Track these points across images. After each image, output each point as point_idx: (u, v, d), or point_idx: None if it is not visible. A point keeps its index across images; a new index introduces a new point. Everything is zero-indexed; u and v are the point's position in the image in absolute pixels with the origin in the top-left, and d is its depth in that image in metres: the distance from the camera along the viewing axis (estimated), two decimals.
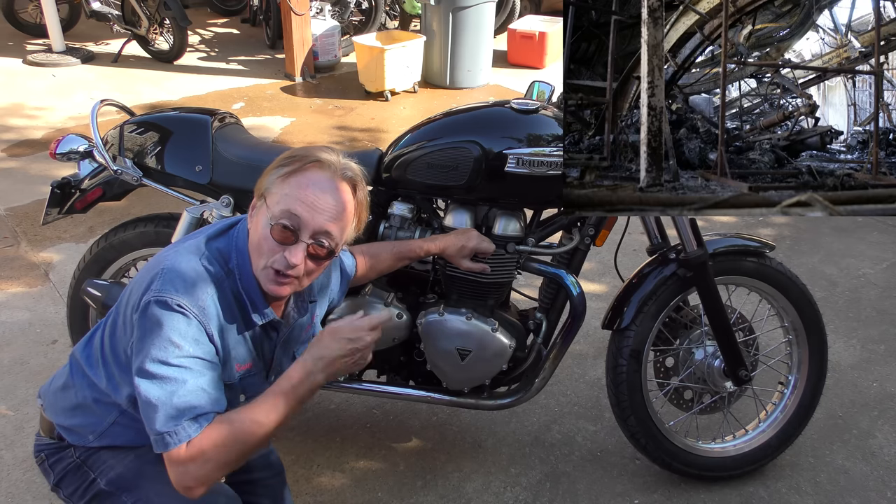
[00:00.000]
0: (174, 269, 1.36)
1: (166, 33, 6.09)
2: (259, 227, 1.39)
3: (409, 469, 2.32)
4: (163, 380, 1.30)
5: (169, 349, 1.30)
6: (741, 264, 2.13)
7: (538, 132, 1.92)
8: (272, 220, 1.36)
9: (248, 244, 1.42)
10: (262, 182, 1.41)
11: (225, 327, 1.40)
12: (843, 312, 3.17)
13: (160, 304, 1.31)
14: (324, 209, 1.37)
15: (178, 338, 1.31)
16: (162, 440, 1.30)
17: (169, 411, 1.29)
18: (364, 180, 1.47)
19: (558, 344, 2.10)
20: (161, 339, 1.30)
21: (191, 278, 1.35)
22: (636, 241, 3.20)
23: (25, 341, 2.83)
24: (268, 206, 1.37)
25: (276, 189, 1.38)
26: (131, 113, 2.29)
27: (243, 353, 1.46)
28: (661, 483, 2.29)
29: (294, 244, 1.37)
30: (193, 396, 1.31)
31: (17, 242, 3.50)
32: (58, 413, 1.54)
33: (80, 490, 1.52)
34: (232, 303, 1.41)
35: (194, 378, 1.32)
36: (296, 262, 1.37)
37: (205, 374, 1.34)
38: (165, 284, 1.33)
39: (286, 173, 1.38)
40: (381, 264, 1.92)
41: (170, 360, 1.30)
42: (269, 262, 1.38)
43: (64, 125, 4.87)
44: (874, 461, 2.40)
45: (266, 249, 1.38)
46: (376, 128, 5.09)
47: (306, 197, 1.36)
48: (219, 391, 1.37)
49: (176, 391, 1.30)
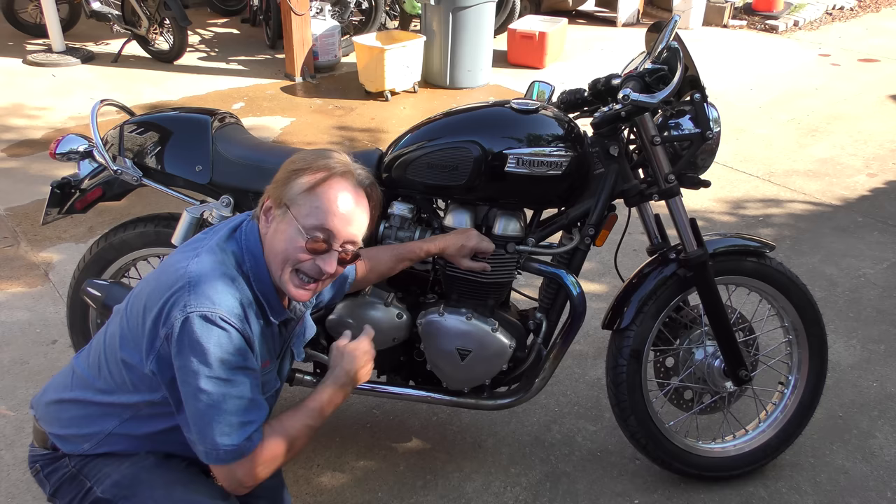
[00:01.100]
0: (202, 279, 1.37)
1: (166, 33, 6.08)
2: (285, 236, 1.42)
3: (409, 469, 2.32)
4: (217, 396, 1.34)
5: (217, 365, 1.34)
6: (741, 264, 2.13)
7: (538, 132, 1.92)
8: (307, 232, 1.40)
9: (267, 250, 1.45)
10: (282, 191, 1.43)
11: (252, 327, 1.43)
12: (843, 312, 3.17)
13: (200, 318, 1.33)
14: (354, 220, 1.45)
15: (224, 353, 1.35)
16: (221, 453, 1.36)
17: (225, 428, 1.36)
18: (374, 180, 1.52)
19: (558, 344, 2.10)
20: (208, 355, 1.33)
21: (221, 287, 1.38)
22: (636, 241, 3.20)
23: (25, 341, 2.83)
24: (295, 218, 1.41)
25: (304, 201, 1.41)
26: (131, 113, 2.29)
27: (263, 350, 1.49)
28: (661, 483, 2.29)
29: (327, 253, 1.43)
30: (247, 409, 1.38)
31: (17, 242, 3.50)
32: (52, 423, 1.54)
33: (77, 499, 1.51)
34: (251, 304, 1.44)
35: (245, 390, 1.38)
36: (331, 271, 1.44)
37: (252, 383, 1.40)
38: (199, 297, 1.35)
39: (312, 185, 1.41)
40: (381, 266, 1.93)
41: (221, 375, 1.35)
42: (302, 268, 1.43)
43: (64, 125, 4.87)
44: (874, 461, 2.40)
45: (294, 258, 1.42)
46: (376, 128, 5.09)
47: (338, 210, 1.42)
48: (262, 395, 1.45)
49: (231, 407, 1.36)
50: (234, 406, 1.36)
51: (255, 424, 1.40)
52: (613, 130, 2.00)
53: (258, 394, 1.42)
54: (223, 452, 1.37)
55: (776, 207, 4.13)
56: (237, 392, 1.37)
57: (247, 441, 1.38)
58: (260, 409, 1.42)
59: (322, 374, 2.17)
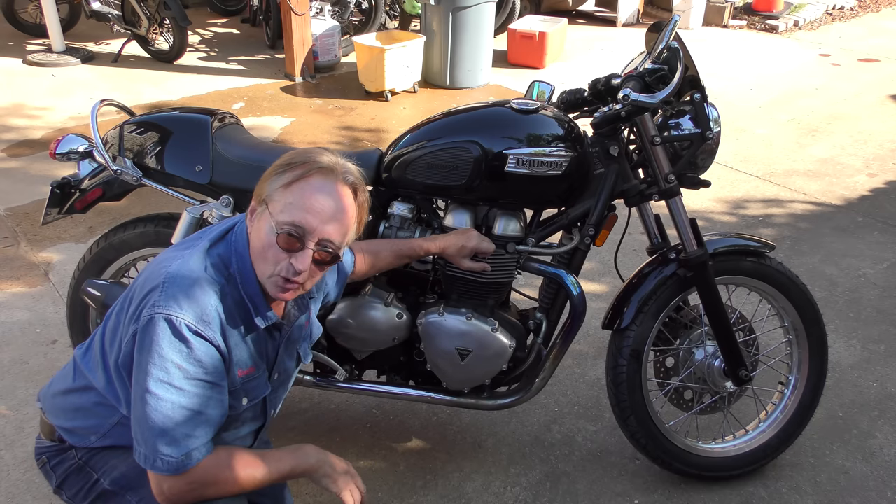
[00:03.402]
0: (176, 281, 1.34)
1: (166, 33, 6.08)
2: (263, 234, 1.38)
3: (409, 469, 2.32)
4: (165, 402, 1.31)
5: (172, 371, 1.31)
6: (741, 264, 2.13)
7: (538, 132, 1.92)
8: (278, 228, 1.35)
9: (250, 249, 1.41)
10: (263, 188, 1.40)
11: (228, 334, 1.39)
12: (843, 312, 3.17)
13: (164, 321, 1.30)
14: (328, 217, 1.37)
15: (182, 360, 1.31)
16: (158, 462, 1.32)
17: (167, 437, 1.31)
18: (364, 182, 1.47)
19: (558, 344, 2.10)
20: (164, 359, 1.30)
21: (194, 291, 1.34)
22: (636, 241, 3.20)
23: (25, 341, 2.83)
24: (271, 214, 1.37)
25: (280, 197, 1.37)
26: (131, 113, 2.29)
27: (245, 357, 1.45)
28: (661, 483, 2.29)
29: (300, 251, 1.37)
30: (194, 422, 1.33)
31: (17, 242, 3.50)
32: (58, 415, 1.54)
33: (84, 491, 1.51)
34: (234, 309, 1.41)
35: (196, 403, 1.33)
36: (302, 269, 1.37)
37: (206, 396, 1.35)
38: (168, 300, 1.32)
39: (289, 181, 1.37)
40: (380, 262, 1.92)
41: (174, 382, 1.31)
42: (276, 269, 1.38)
43: (64, 125, 4.87)
44: (874, 461, 2.40)
45: (272, 257, 1.37)
46: (376, 128, 5.09)
47: (311, 206, 1.36)
48: (221, 409, 1.39)
49: (178, 416, 1.31)
50: (181, 416, 1.31)
51: (199, 440, 1.34)
52: (613, 130, 2.00)
53: (213, 409, 1.37)
54: (160, 462, 1.32)
55: (776, 207, 4.13)
56: (187, 403, 1.32)
57: (185, 457, 1.33)
58: (208, 426, 1.36)
59: (322, 374, 2.18)
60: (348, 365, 2.18)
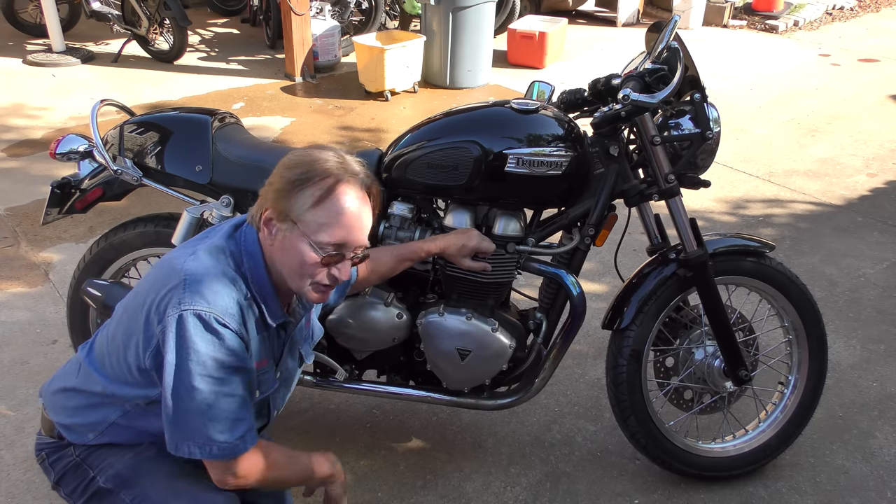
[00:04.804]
0: (197, 277, 1.37)
1: (166, 33, 6.08)
2: (297, 252, 1.41)
3: (409, 469, 2.32)
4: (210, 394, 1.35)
5: (210, 364, 1.34)
6: (741, 264, 2.13)
7: (538, 132, 1.92)
8: (320, 249, 1.40)
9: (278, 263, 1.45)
10: (285, 205, 1.40)
11: (248, 326, 1.43)
12: (843, 312, 3.17)
13: (194, 317, 1.33)
14: (361, 227, 1.46)
15: (217, 352, 1.35)
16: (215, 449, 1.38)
17: (219, 425, 1.37)
18: (370, 174, 1.50)
19: (558, 344, 2.10)
20: (199, 353, 1.34)
21: (217, 286, 1.37)
22: (636, 241, 3.20)
23: (25, 341, 2.83)
24: (306, 235, 1.40)
25: (310, 218, 1.39)
26: (131, 113, 2.29)
27: (260, 350, 1.49)
28: (661, 483, 2.29)
29: (341, 262, 1.44)
30: (240, 407, 1.39)
31: (17, 242, 3.50)
32: (58, 412, 1.55)
33: (80, 488, 1.53)
34: (249, 304, 1.44)
35: (237, 388, 1.39)
36: (346, 278, 1.47)
37: (245, 381, 1.41)
38: (193, 296, 1.35)
39: (315, 200, 1.39)
40: (381, 268, 1.93)
41: (214, 374, 1.35)
42: (316, 279, 1.44)
43: (64, 125, 4.87)
44: (874, 461, 2.40)
45: (309, 271, 1.43)
46: (376, 128, 5.09)
47: (347, 223, 1.42)
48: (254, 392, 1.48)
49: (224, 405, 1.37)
50: (227, 404, 1.37)
51: (247, 423, 1.42)
52: (613, 130, 2.00)
53: (250, 392, 1.45)
54: (217, 448, 1.38)
55: (776, 207, 4.13)
56: (230, 390, 1.38)
57: (240, 440, 1.40)
58: (249, 408, 1.44)
59: (322, 374, 2.18)
60: (348, 365, 2.18)
